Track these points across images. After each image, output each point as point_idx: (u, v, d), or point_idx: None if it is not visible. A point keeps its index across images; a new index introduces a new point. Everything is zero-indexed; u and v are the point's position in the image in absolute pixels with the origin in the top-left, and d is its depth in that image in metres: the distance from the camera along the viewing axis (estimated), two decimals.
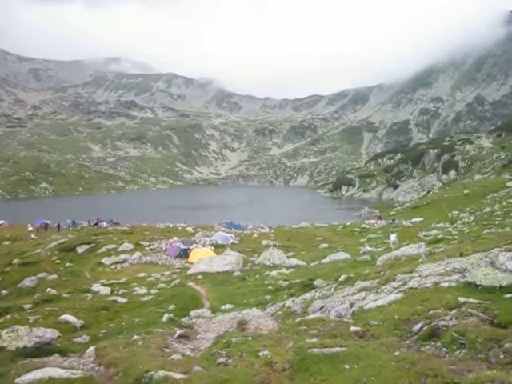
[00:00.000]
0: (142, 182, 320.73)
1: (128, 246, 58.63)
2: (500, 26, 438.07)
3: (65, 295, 31.64)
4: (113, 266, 50.60)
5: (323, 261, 39.21)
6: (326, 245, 58.32)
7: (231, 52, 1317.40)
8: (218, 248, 55.41)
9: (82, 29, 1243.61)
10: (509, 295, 9.82)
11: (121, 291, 32.82)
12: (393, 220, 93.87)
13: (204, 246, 57.40)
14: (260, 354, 8.83)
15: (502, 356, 7.50)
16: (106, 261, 52.68)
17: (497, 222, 57.11)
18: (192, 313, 21.65)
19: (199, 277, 36.19)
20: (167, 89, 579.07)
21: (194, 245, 57.01)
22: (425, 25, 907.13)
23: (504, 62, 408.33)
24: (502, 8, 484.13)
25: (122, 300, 28.46)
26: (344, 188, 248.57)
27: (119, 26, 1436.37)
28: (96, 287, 34.85)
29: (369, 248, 45.15)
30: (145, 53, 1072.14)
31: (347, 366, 7.63)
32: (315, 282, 25.20)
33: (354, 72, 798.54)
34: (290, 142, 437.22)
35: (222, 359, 9.02)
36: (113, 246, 59.09)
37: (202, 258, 43.54)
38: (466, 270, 12.68)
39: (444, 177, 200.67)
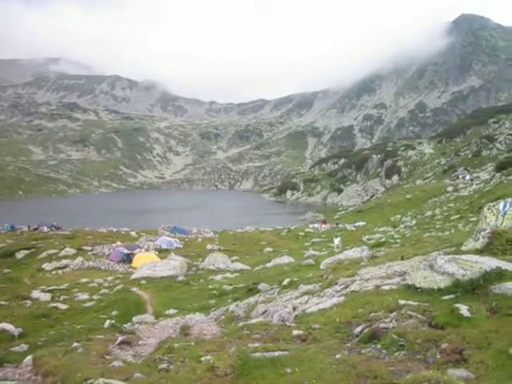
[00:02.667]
0: (85, 186, 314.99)
1: (70, 251, 57.42)
2: (441, 36, 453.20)
3: (2, 302, 30.74)
4: (54, 272, 49.41)
5: (268, 265, 39.39)
6: (270, 249, 58.60)
7: (177, 55, 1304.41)
8: (162, 253, 54.93)
9: (21, 27, 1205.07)
10: (446, 297, 10.06)
11: (62, 297, 32.12)
12: (337, 224, 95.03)
13: (148, 250, 56.81)
14: (202, 359, 8.76)
15: (438, 356, 7.69)
16: (46, 266, 51.39)
17: (437, 226, 58.57)
18: (135, 318, 21.38)
19: (143, 282, 35.77)
20: (111, 91, 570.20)
21: (138, 249, 56.31)
22: (370, 33, 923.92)
23: (445, 70, 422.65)
24: (443, 19, 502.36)
25: (63, 306, 27.85)
26: (289, 192, 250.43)
27: (60, 25, 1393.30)
28: (36, 294, 34.01)
29: (313, 252, 45.59)
30: (87, 54, 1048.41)
31: (289, 370, 7.66)
32: (259, 286, 25.26)
33: (299, 77, 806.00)
34: (235, 146, 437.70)
35: (163, 365, 8.90)
36: (54, 251, 57.72)
37: (146, 263, 43.06)
38: (406, 272, 12.93)
39: (387, 181, 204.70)
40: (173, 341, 11.11)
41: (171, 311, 23.99)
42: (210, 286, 31.38)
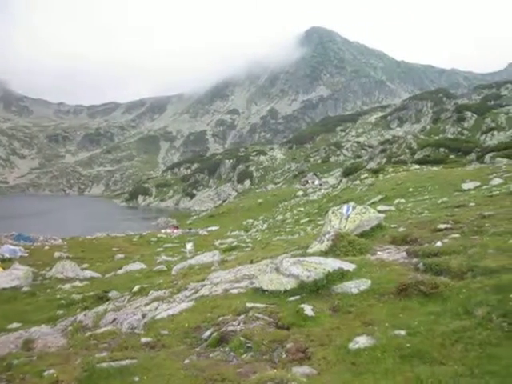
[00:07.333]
0: None
1: None
2: (294, 46, 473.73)
3: None
4: None
5: (119, 272, 38.62)
6: (122, 255, 57.39)
7: (22, 51, 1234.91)
8: (5, 262, 51.57)
9: None
10: (292, 298, 10.43)
11: None
12: (189, 229, 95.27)
13: None
14: (45, 373, 8.34)
15: (284, 356, 7.95)
16: None
17: (287, 229, 60.51)
18: None
19: None
20: None
21: None
22: (224, 39, 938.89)
23: (296, 79, 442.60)
24: (298, 30, 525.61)
25: None
26: (141, 197, 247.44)
27: None
28: None
29: (165, 257, 45.35)
30: None
31: (137, 378, 7.54)
32: (110, 294, 24.69)
33: (151, 81, 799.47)
34: (85, 149, 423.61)
35: None
36: None
37: None
38: (254, 276, 13.24)
39: (239, 186, 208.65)
40: (12, 357, 10.46)
41: (14, 325, 22.63)
42: (58, 296, 30.07)
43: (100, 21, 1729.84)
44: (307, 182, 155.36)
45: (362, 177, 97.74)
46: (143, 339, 10.05)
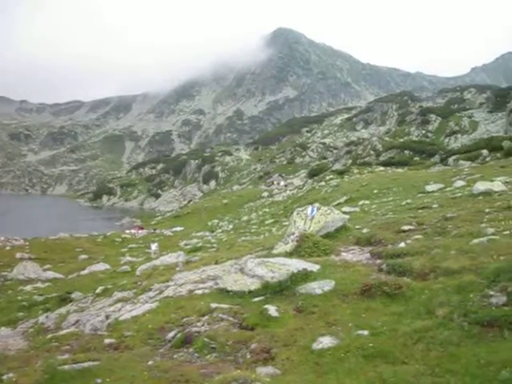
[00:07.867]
0: None
1: None
2: (261, 47, 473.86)
3: None
4: None
5: (82, 272, 38.15)
6: (85, 256, 56.66)
7: None
8: None
9: None
10: (256, 299, 10.44)
11: None
12: (154, 229, 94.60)
13: None
14: (4, 377, 8.16)
15: (248, 356, 7.96)
16: None
17: (253, 230, 60.54)
18: None
19: None
20: None
21: None
22: (189, 38, 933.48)
23: (262, 80, 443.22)
24: (265, 31, 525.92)
25: None
26: (105, 197, 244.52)
27: None
28: None
29: (130, 258, 44.98)
30: None
31: (99, 380, 7.44)
32: (73, 295, 24.35)
33: (117, 79, 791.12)
34: (48, 148, 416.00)
35: None
36: None
37: None
38: (218, 277, 13.22)
39: (205, 187, 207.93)
40: None
41: None
42: (19, 298, 29.56)
43: (63, 18, 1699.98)
44: (273, 182, 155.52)
45: (328, 178, 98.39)
46: (106, 340, 9.93)
